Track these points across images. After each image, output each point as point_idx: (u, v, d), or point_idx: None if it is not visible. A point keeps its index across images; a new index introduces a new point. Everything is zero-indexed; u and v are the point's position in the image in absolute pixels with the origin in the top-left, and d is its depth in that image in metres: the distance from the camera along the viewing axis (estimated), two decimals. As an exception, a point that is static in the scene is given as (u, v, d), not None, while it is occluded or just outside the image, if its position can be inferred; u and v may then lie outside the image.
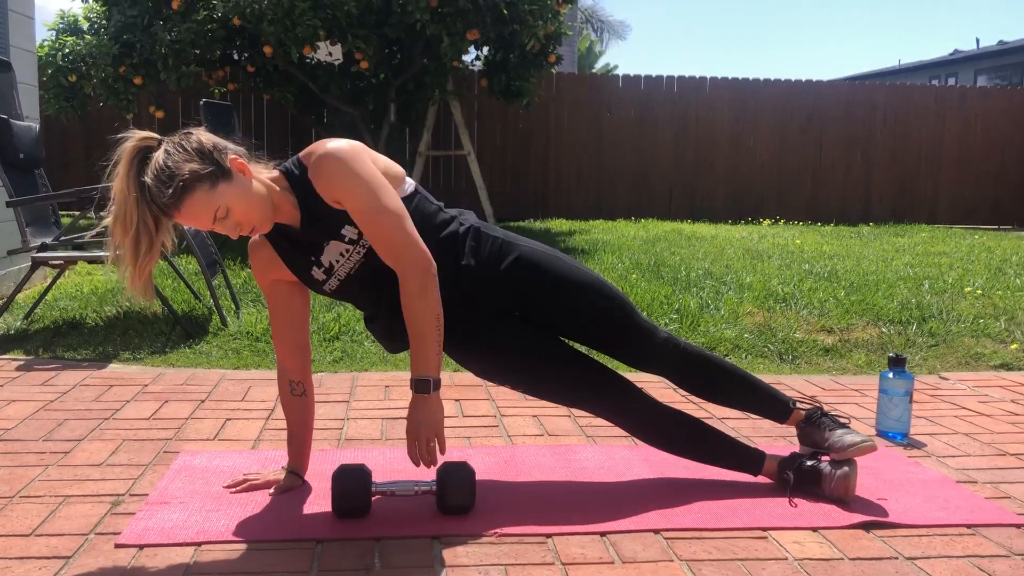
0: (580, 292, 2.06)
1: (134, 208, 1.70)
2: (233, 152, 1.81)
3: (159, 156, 1.72)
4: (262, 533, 1.85)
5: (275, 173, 1.90)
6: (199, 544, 1.80)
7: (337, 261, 1.94)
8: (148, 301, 1.82)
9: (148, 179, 1.70)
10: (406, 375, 3.31)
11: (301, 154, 1.91)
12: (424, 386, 1.86)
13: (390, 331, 2.03)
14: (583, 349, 2.22)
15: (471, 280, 2.00)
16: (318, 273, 1.96)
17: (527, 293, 2.03)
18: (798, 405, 2.21)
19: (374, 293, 1.98)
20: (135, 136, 1.74)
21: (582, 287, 2.06)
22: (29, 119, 4.43)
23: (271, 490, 2.07)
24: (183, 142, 1.75)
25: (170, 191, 1.69)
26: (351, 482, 1.91)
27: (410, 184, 2.00)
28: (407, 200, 1.95)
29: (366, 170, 1.84)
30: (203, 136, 1.79)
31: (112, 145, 1.75)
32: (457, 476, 1.94)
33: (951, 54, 24.50)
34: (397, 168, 1.98)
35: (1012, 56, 21.83)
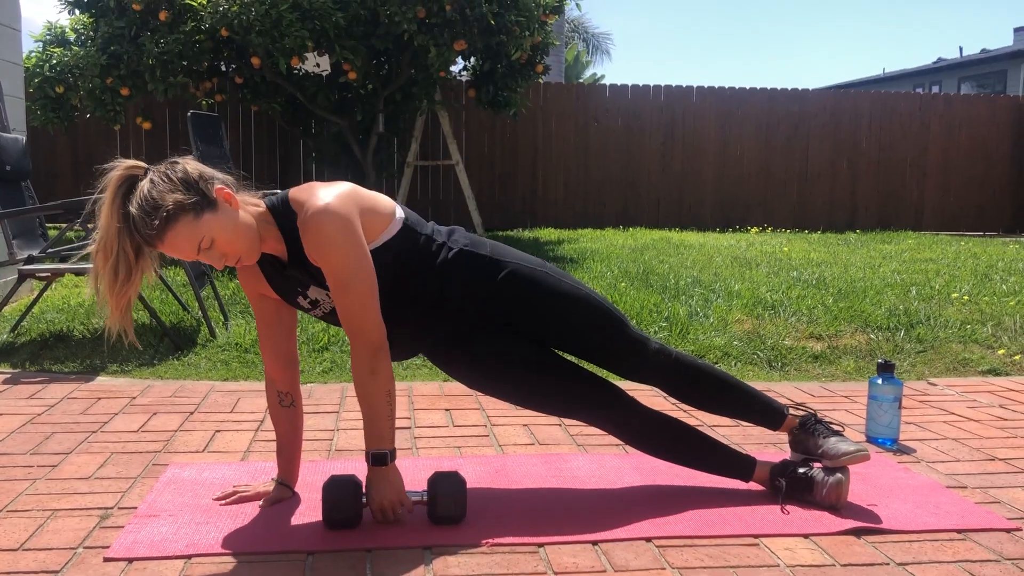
0: (571, 306, 2.06)
1: (115, 238, 1.71)
2: (220, 182, 1.80)
3: (144, 186, 1.72)
4: (252, 545, 1.84)
5: (263, 207, 1.89)
6: (189, 557, 1.79)
7: (323, 299, 1.96)
8: (125, 331, 1.80)
9: (132, 209, 1.70)
10: (396, 384, 3.31)
11: (291, 194, 1.90)
12: (381, 459, 1.88)
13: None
14: (573, 359, 2.22)
15: (461, 302, 2.01)
16: (304, 302, 1.99)
17: (518, 308, 2.04)
18: (791, 412, 2.22)
19: None
20: (121, 165, 1.75)
21: (573, 301, 2.07)
22: (15, 131, 4.41)
23: (261, 502, 2.06)
24: (168, 172, 1.75)
25: (154, 221, 1.69)
26: (342, 492, 1.91)
27: (399, 219, 1.97)
28: (397, 237, 1.94)
29: (349, 239, 1.83)
30: (189, 165, 1.78)
31: (98, 171, 1.75)
32: (448, 486, 1.94)
33: (935, 62, 24.72)
34: (386, 203, 1.97)
35: (995, 64, 22.05)
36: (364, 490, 1.93)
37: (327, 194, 1.85)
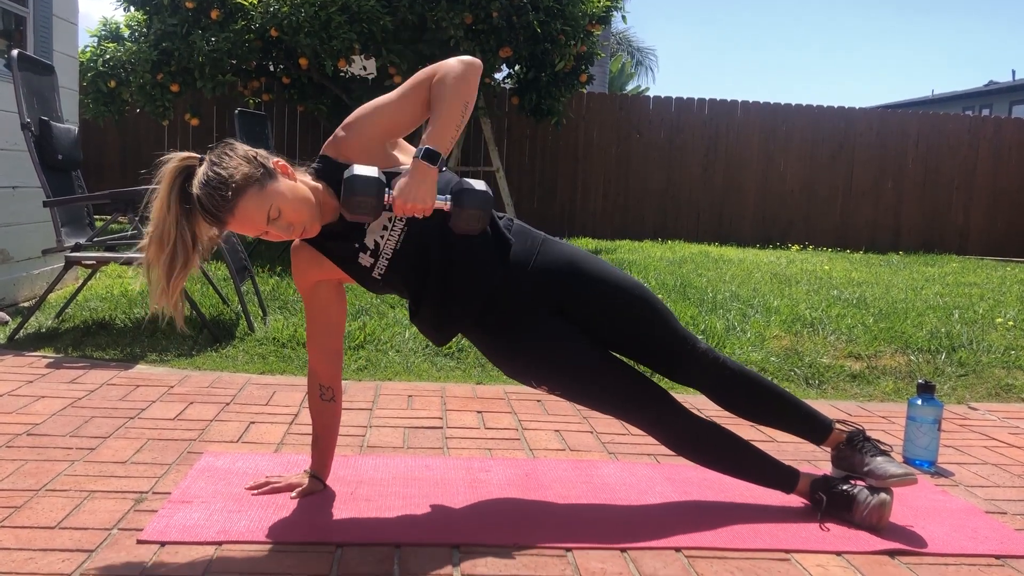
0: (619, 293, 2.04)
1: (173, 226, 1.75)
2: (275, 157, 1.86)
3: (204, 169, 1.76)
4: (282, 535, 1.86)
5: (309, 177, 1.93)
6: (220, 543, 1.80)
7: (381, 237, 1.93)
8: (176, 312, 1.83)
9: (197, 190, 1.74)
10: (429, 385, 3.33)
11: (320, 152, 1.96)
12: (433, 157, 1.83)
13: (437, 320, 2.00)
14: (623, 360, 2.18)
15: (513, 275, 1.98)
16: (365, 259, 1.95)
17: (566, 292, 2.02)
18: (837, 426, 2.18)
19: (423, 270, 1.95)
20: (176, 156, 1.79)
21: (622, 288, 2.05)
22: (69, 122, 4.50)
23: (293, 493, 2.08)
24: (227, 151, 1.79)
25: (226, 194, 1.73)
26: (366, 176, 1.82)
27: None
28: (446, 175, 1.97)
29: (374, 103, 1.91)
30: (244, 146, 1.83)
31: (148, 156, 1.79)
32: (472, 193, 1.86)
33: (986, 85, 24.32)
34: None
35: (1048, 89, 21.61)
36: (389, 185, 1.84)
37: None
